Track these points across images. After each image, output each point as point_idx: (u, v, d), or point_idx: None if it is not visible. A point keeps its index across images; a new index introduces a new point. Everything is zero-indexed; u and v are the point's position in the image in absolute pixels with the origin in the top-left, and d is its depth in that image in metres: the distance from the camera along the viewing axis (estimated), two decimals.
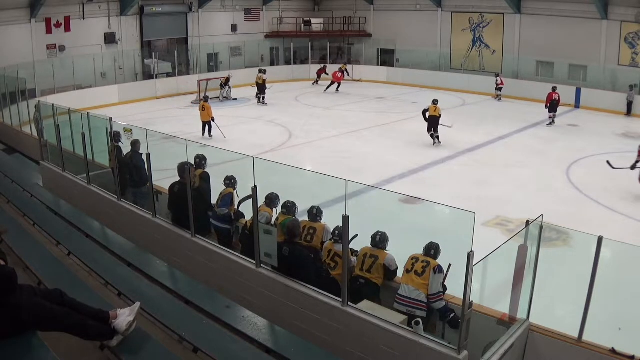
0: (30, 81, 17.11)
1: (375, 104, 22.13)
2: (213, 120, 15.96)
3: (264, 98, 21.64)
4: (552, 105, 17.66)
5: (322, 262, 5.64)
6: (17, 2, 20.11)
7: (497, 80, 22.21)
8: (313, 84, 26.30)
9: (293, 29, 30.46)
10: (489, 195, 10.94)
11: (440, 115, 15.17)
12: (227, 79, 22.65)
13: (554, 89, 17.93)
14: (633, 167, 11.44)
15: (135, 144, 8.11)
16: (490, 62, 25.44)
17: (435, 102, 15.31)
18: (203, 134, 16.08)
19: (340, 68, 25.06)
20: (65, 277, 4.40)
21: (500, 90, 22.04)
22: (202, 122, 16.13)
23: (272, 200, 6.56)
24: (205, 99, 17.26)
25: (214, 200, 7.11)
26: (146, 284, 4.79)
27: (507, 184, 11.89)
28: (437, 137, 15.18)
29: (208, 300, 4.68)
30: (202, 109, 16.11)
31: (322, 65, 26.85)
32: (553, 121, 17.90)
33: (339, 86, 24.48)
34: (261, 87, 21.54)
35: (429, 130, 15.23)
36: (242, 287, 5.59)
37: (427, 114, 15.12)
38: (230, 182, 7.03)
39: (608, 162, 12.00)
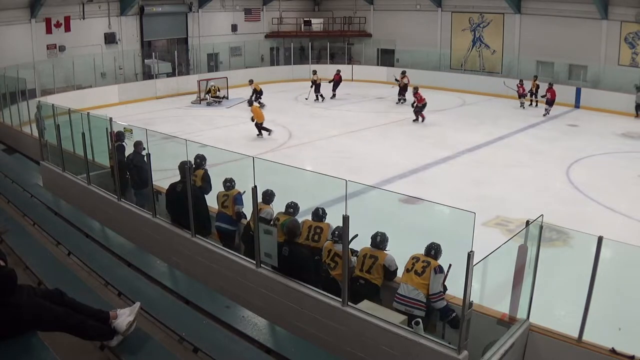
0: (30, 81, 17.10)
1: (375, 104, 22.12)
2: None
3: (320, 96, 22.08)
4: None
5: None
6: (17, 2, 20.11)
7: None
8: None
9: (293, 29, 30.44)
10: (489, 195, 10.92)
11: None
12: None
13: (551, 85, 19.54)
14: None
15: (137, 145, 8.10)
16: (490, 62, 25.44)
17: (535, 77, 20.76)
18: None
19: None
20: (65, 277, 4.39)
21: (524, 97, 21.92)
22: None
23: (269, 196, 6.58)
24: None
25: (213, 201, 7.11)
26: (146, 284, 4.78)
27: (507, 184, 11.88)
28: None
29: (208, 300, 4.67)
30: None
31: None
32: (548, 112, 19.23)
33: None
34: (317, 86, 21.91)
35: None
36: (242, 287, 5.59)
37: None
38: (231, 184, 7.04)
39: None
